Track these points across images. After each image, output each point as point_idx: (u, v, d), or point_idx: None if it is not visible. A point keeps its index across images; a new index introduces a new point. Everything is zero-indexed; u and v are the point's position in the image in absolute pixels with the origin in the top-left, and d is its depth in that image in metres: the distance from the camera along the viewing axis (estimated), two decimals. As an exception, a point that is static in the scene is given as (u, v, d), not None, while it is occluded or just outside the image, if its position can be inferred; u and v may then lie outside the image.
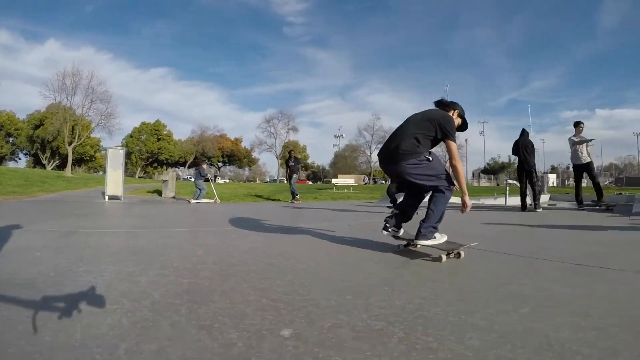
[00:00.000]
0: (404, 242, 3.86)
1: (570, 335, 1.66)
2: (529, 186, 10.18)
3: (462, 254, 3.47)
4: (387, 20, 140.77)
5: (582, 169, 10.21)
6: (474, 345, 1.54)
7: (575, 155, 10.16)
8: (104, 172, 14.83)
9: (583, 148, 10.05)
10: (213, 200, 14.01)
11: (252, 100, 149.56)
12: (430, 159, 3.54)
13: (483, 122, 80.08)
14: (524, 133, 10.12)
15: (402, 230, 3.85)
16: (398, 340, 1.58)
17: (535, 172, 10.06)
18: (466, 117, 3.90)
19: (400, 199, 3.93)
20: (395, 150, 3.56)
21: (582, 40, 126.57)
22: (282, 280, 2.59)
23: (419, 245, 3.70)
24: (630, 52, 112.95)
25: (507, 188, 13.24)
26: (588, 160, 10.11)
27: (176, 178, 18.57)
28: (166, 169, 68.06)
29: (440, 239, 3.60)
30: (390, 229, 3.79)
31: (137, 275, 2.65)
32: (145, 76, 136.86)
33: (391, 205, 9.74)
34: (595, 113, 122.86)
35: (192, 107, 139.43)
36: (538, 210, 9.69)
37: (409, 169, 3.51)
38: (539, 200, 9.96)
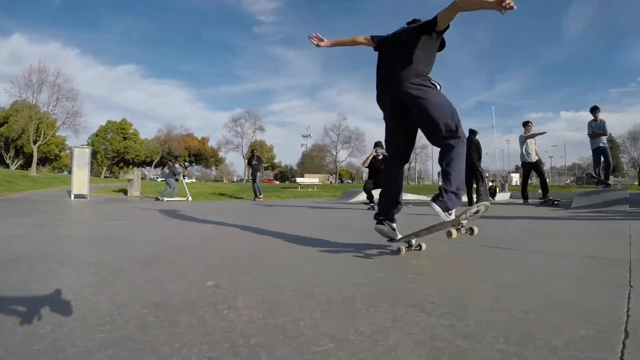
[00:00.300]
0: (405, 245, 3.27)
1: (435, 292, 2.09)
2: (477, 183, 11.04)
3: (476, 230, 2.98)
4: (357, 21, 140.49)
5: (530, 167, 11.07)
6: (348, 295, 2.04)
7: (525, 153, 10.99)
8: (69, 172, 15.00)
9: (532, 147, 10.91)
10: (185, 199, 14.42)
11: (221, 99, 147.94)
12: (438, 87, 3.14)
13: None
14: (471, 133, 10.81)
15: (394, 225, 3.38)
16: (291, 289, 2.12)
17: (479, 170, 10.87)
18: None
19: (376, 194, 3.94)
20: (399, 69, 3.14)
21: (549, 45, 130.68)
22: (219, 255, 3.17)
23: (423, 248, 3.23)
24: (593, 57, 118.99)
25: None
26: (536, 158, 10.98)
27: (142, 178, 18.80)
28: (132, 169, 67.28)
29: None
30: (385, 223, 3.32)
31: (102, 252, 3.19)
32: (112, 73, 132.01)
33: (367, 202, 10.16)
34: (560, 115, 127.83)
35: (159, 106, 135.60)
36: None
37: (414, 89, 3.04)
38: (483, 195, 10.79)
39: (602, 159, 11.04)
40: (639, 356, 1.29)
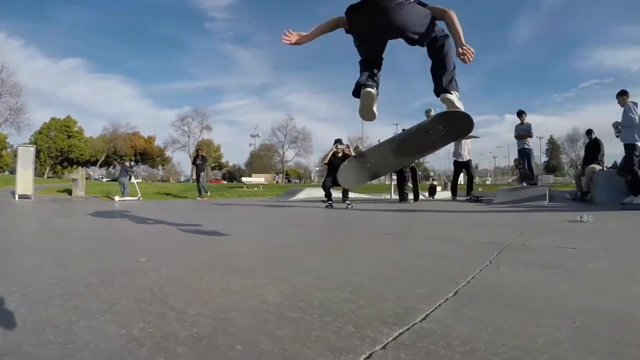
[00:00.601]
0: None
1: (319, 264, 2.69)
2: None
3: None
4: (309, 22, 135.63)
5: (462, 165, 11.62)
6: (248, 265, 2.62)
7: (457, 153, 11.53)
8: (11, 172, 14.70)
9: (465, 147, 11.70)
10: (136, 198, 14.52)
11: (168, 96, 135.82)
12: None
13: (397, 124, 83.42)
14: (404, 132, 11.41)
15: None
16: (207, 262, 2.69)
17: (405, 169, 11.48)
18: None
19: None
20: None
21: (496, 51, 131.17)
22: (156, 242, 3.72)
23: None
24: (537, 64, 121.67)
25: (392, 184, 14.90)
26: (468, 158, 11.52)
27: (86, 178, 18.55)
28: (76, 168, 64.54)
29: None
30: (374, 87, 3.22)
31: (54, 240, 3.67)
32: (57, 67, 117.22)
33: (326, 199, 9.91)
34: (504, 118, 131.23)
35: (105, 102, 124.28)
36: (411, 201, 11.35)
37: (396, 7, 2.95)
38: (408, 194, 11.62)
39: (526, 160, 11.78)
40: (452, 306, 1.68)
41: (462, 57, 2.99)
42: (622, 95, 8.43)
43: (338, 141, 10.20)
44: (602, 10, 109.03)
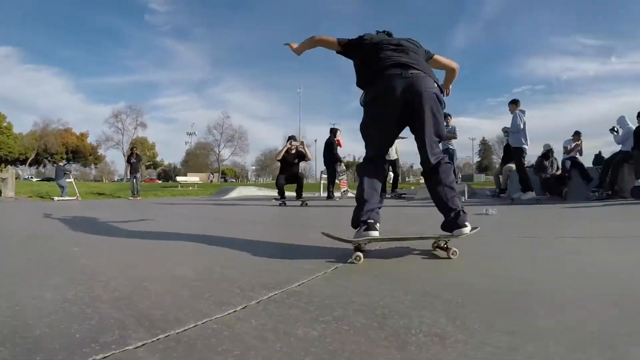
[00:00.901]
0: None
1: (227, 249, 3.06)
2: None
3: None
4: (249, 19, 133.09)
5: (389, 164, 11.69)
6: (160, 253, 2.97)
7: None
8: None
9: (394, 146, 11.72)
10: (75, 198, 14.12)
11: (103, 91, 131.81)
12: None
13: (334, 124, 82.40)
14: (330, 132, 11.62)
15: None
16: (137, 250, 3.03)
17: (330, 168, 11.64)
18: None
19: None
20: (420, 60, 2.79)
21: None
22: (87, 233, 3.96)
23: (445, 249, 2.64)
24: (472, 70, 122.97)
25: (322, 183, 15.21)
26: (396, 157, 11.86)
27: (16, 177, 17.66)
28: (5, 167, 59.96)
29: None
30: (377, 227, 2.62)
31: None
32: None
33: (278, 197, 9.40)
34: None
35: (36, 96, 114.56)
36: (336, 198, 11.63)
37: (434, 90, 2.67)
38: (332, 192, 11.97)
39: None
40: (327, 277, 2.02)
41: (446, 90, 3.29)
42: (512, 104, 9.29)
43: (292, 137, 9.82)
44: (536, 22, 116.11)
